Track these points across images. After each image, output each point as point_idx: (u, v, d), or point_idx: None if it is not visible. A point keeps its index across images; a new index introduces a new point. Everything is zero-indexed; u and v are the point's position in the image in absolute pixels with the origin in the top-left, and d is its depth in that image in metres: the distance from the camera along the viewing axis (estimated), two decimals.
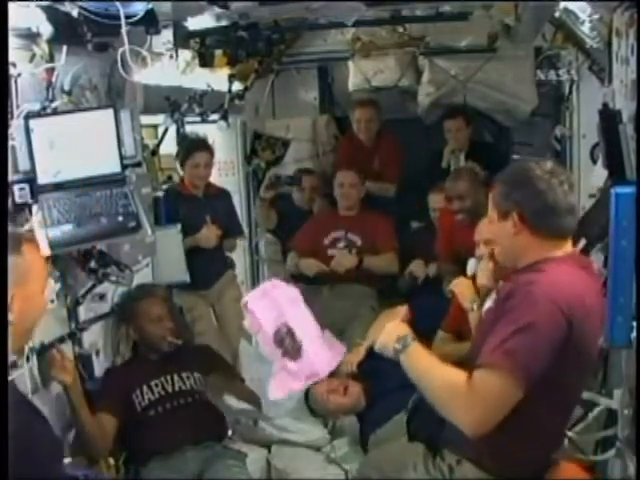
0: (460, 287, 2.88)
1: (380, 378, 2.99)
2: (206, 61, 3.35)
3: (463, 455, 2.02)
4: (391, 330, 2.01)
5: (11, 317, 1.56)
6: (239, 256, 4.55)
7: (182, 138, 3.92)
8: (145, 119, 3.35)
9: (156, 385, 2.93)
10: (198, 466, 2.79)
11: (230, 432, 3.08)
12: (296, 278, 4.69)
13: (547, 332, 1.77)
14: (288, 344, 2.51)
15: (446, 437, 2.07)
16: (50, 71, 2.44)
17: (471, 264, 2.88)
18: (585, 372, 1.96)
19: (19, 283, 1.58)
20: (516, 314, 1.79)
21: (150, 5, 2.32)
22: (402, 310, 2.14)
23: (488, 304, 2.11)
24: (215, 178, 4.06)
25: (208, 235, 3.81)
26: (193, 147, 3.83)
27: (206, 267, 3.85)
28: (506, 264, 2.05)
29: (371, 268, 4.03)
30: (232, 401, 3.17)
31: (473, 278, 2.81)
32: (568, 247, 1.95)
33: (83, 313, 2.84)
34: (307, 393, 3.37)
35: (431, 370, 1.90)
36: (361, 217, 4.19)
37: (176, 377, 2.97)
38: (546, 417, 1.90)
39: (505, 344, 1.76)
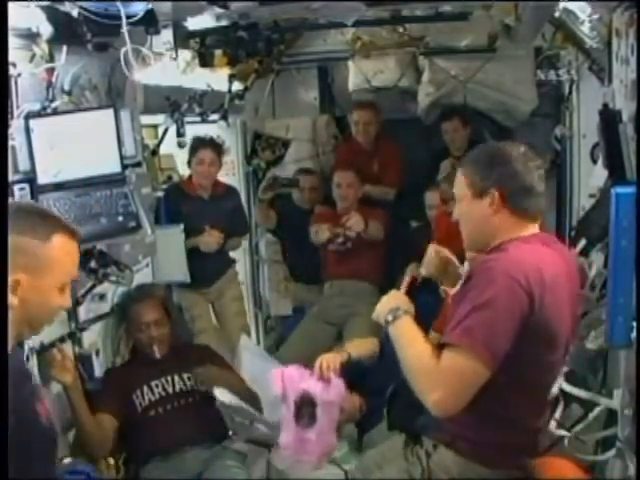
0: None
1: (374, 380, 3.00)
2: (206, 61, 3.34)
3: (438, 440, 2.03)
4: (387, 301, 2.04)
5: (14, 301, 1.48)
6: (239, 256, 4.55)
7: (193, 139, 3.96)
8: (145, 119, 3.35)
9: (156, 385, 2.93)
10: (197, 466, 2.80)
11: (230, 433, 3.07)
12: (296, 278, 4.71)
13: (506, 307, 1.76)
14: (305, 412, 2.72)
15: (422, 423, 2.08)
16: (50, 71, 2.44)
17: (467, 265, 2.88)
18: (554, 351, 1.91)
19: (33, 271, 1.51)
20: (475, 292, 1.79)
21: (150, 5, 2.32)
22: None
23: (455, 289, 2.10)
24: None
25: (208, 241, 3.82)
26: (198, 144, 3.85)
27: (207, 266, 3.86)
28: (475, 246, 2.04)
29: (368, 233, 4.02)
30: (225, 396, 3.15)
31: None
32: (535, 229, 1.96)
33: (83, 313, 2.84)
34: None
35: (411, 345, 1.90)
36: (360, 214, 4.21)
37: (177, 377, 2.98)
38: (515, 399, 1.89)
39: (464, 322, 1.77)
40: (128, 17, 2.24)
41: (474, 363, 1.75)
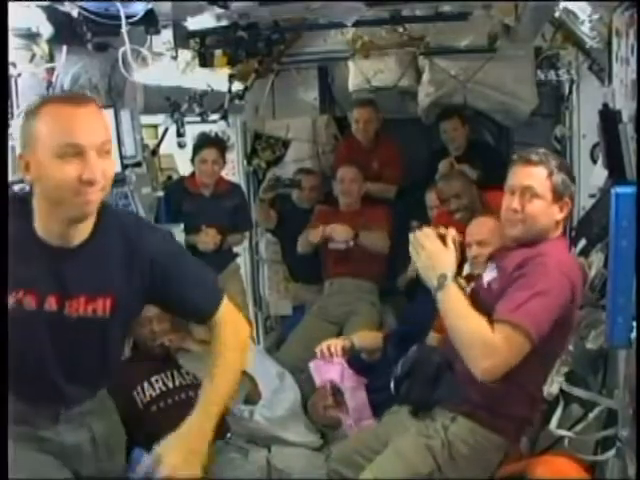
0: None
1: (377, 377, 3.00)
2: (206, 61, 3.35)
3: (458, 411, 2.22)
4: (436, 257, 2.18)
5: (29, 179, 1.61)
6: (239, 258, 4.55)
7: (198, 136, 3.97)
8: (145, 119, 3.35)
9: (156, 381, 2.95)
10: None
11: (229, 435, 3.07)
12: (295, 277, 4.71)
13: (557, 298, 2.06)
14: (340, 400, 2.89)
15: (439, 396, 2.28)
16: (50, 71, 2.44)
17: (466, 267, 2.89)
18: (571, 330, 2.28)
19: (31, 147, 1.58)
20: (531, 280, 2.07)
21: (150, 5, 2.32)
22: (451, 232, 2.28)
23: (490, 275, 2.29)
24: None
25: (205, 240, 3.83)
26: (202, 142, 3.85)
27: (207, 262, 3.86)
28: (522, 240, 2.23)
29: (365, 244, 4.03)
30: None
31: (467, 278, 2.82)
32: None
33: None
34: (305, 406, 3.39)
35: (461, 314, 2.11)
36: (361, 212, 4.21)
37: (176, 372, 3.00)
38: (533, 368, 2.14)
39: (525, 305, 2.03)
40: (128, 17, 2.25)
41: (524, 340, 2.02)
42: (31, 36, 2.36)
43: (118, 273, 1.74)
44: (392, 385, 2.47)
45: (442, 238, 2.22)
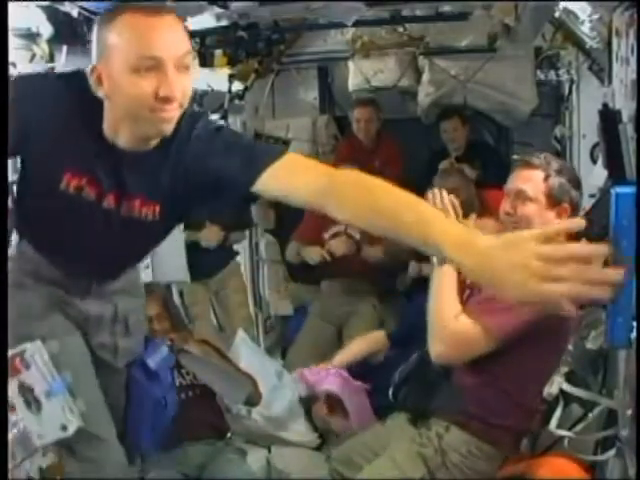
0: None
1: (377, 378, 3.01)
2: (206, 61, 3.35)
3: (453, 420, 2.20)
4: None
5: (102, 93, 1.53)
6: (239, 256, 4.55)
7: None
8: None
9: None
10: (200, 460, 2.83)
11: (229, 435, 3.08)
12: (295, 278, 4.70)
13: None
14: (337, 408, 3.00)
15: (436, 405, 2.26)
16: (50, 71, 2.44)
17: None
18: (565, 341, 2.24)
19: (101, 59, 1.51)
20: None
21: None
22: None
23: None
24: None
25: (208, 236, 3.84)
26: None
27: (208, 259, 3.90)
28: None
29: (366, 257, 4.02)
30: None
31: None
32: None
33: None
34: (309, 410, 3.40)
35: (441, 296, 2.12)
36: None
37: (176, 373, 2.99)
38: (527, 376, 2.16)
39: (493, 302, 1.99)
40: None
41: (486, 337, 2.02)
42: (31, 36, 2.36)
43: (169, 178, 1.68)
44: (390, 392, 2.48)
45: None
